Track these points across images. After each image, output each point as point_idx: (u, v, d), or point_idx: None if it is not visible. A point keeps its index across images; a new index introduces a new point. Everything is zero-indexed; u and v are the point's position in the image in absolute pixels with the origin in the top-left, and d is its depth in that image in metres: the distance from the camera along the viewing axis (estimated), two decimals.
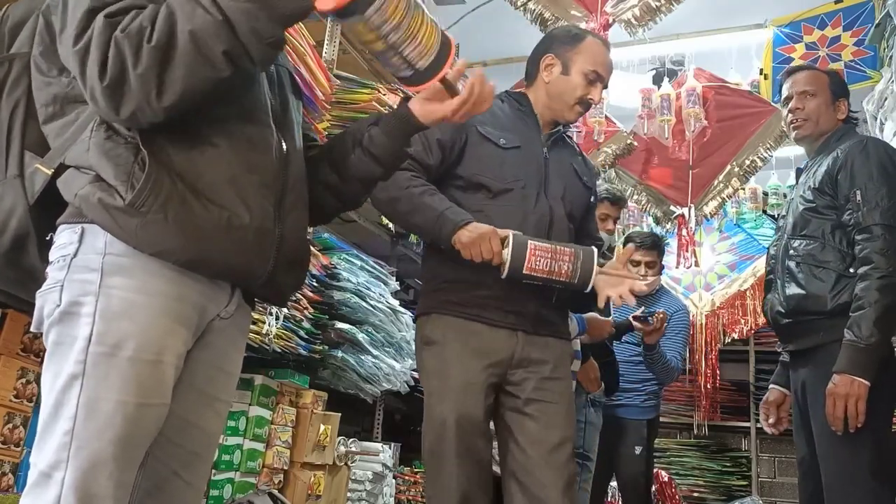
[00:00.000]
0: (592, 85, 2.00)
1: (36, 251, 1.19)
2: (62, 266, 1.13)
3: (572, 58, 2.00)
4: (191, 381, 1.22)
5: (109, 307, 1.10)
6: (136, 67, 1.05)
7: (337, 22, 1.13)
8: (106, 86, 1.05)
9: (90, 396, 1.07)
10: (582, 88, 1.99)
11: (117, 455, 1.07)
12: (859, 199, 2.10)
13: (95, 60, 1.05)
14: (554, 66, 2.02)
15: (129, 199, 1.09)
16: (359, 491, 2.94)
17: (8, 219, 1.18)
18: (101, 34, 1.05)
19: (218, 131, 1.18)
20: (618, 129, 4.33)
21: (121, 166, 1.11)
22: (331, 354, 2.76)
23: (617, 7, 3.83)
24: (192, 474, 1.25)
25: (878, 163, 2.14)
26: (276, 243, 1.23)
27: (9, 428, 1.70)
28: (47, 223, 1.18)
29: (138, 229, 1.10)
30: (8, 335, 1.71)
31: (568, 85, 2.00)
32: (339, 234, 3.14)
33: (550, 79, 2.02)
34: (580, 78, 1.99)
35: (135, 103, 1.07)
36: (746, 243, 5.53)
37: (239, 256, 1.18)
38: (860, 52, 4.17)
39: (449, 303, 1.89)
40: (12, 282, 1.24)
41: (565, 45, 2.03)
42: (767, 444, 5.58)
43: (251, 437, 2.36)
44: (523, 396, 1.86)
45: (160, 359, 1.12)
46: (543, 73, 2.03)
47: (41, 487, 1.06)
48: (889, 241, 2.04)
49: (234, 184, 1.17)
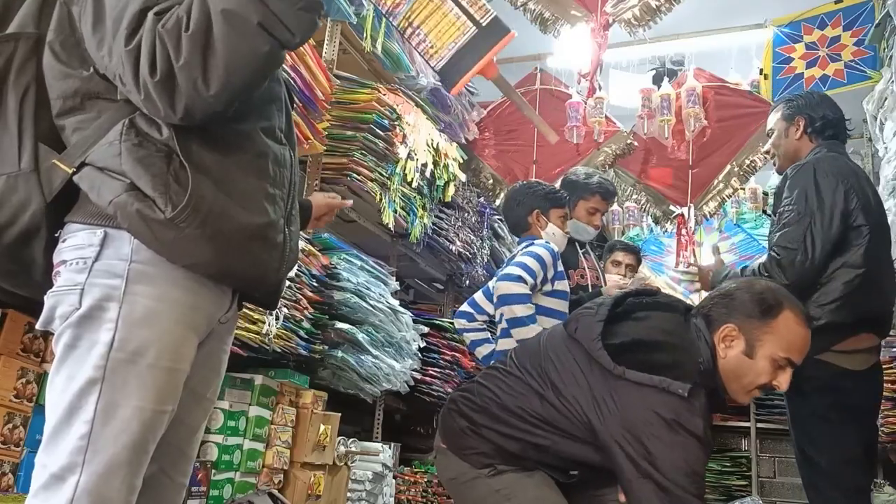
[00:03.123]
0: (782, 371, 1.63)
1: (42, 247, 1.18)
2: (82, 268, 1.12)
3: (761, 336, 1.62)
4: (187, 382, 1.22)
5: (132, 314, 1.10)
6: (178, 60, 1.04)
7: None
8: (157, 81, 1.04)
9: (108, 402, 1.08)
10: (768, 376, 1.63)
11: (132, 460, 1.09)
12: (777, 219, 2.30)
13: (147, 59, 1.04)
14: (737, 341, 1.63)
15: (169, 214, 1.08)
16: (359, 491, 2.94)
17: (19, 213, 1.14)
18: (150, 32, 1.05)
19: (244, 143, 1.20)
20: (618, 129, 4.33)
21: (157, 176, 1.10)
22: (331, 354, 2.76)
23: (617, 7, 3.83)
24: (177, 472, 1.28)
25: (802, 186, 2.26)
26: (285, 254, 1.26)
27: (9, 428, 1.70)
28: (56, 219, 1.17)
29: (174, 242, 1.10)
30: (8, 335, 1.71)
31: (751, 371, 1.63)
32: (339, 234, 3.14)
33: (730, 354, 1.63)
34: (766, 364, 1.62)
35: (186, 96, 1.06)
36: (746, 243, 5.53)
37: (260, 267, 1.21)
38: (860, 52, 4.17)
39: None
40: (4, 273, 1.21)
41: (757, 314, 1.63)
42: (767, 444, 5.58)
43: (251, 437, 2.36)
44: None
45: (177, 367, 1.14)
46: (724, 346, 1.64)
47: (52, 490, 1.07)
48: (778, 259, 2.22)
49: (261, 194, 1.20)
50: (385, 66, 3.35)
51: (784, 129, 2.48)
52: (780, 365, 1.62)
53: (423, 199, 3.48)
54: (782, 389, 1.65)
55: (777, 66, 4.40)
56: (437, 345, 3.64)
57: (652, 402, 1.52)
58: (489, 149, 4.67)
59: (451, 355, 3.70)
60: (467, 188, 4.04)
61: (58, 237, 1.17)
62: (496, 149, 4.65)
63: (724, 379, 1.64)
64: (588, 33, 3.99)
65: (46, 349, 1.76)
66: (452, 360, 3.70)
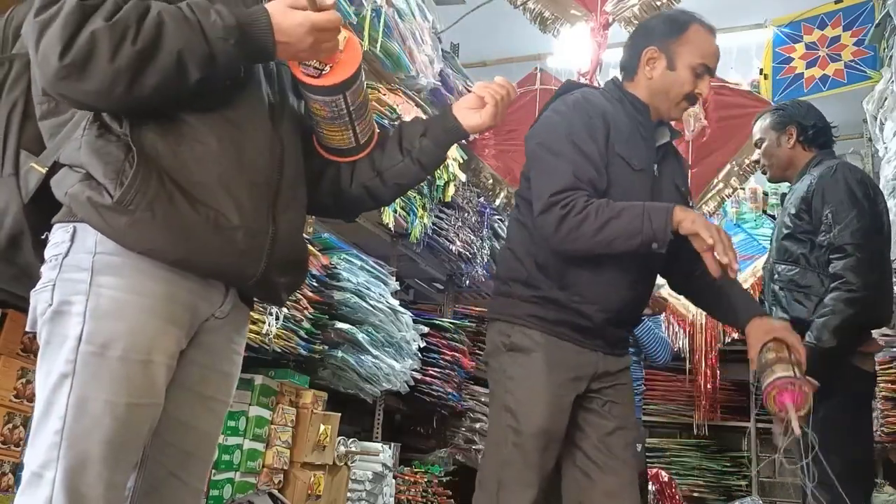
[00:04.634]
0: (701, 78, 1.83)
1: (31, 249, 1.20)
2: (54, 265, 1.13)
3: (677, 50, 1.83)
4: (183, 382, 1.21)
5: (99, 306, 1.10)
6: (112, 61, 1.05)
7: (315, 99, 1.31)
8: (64, 65, 1.05)
9: (80, 396, 1.07)
10: (690, 83, 1.83)
11: (107, 455, 1.07)
12: (831, 220, 2.26)
13: (57, 37, 1.05)
14: (657, 61, 1.85)
15: (116, 196, 1.09)
16: (359, 491, 2.94)
17: (2, 217, 1.19)
18: (71, 14, 1.05)
19: (209, 130, 1.18)
20: None
21: (110, 164, 1.11)
22: (331, 354, 2.77)
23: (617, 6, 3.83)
24: (189, 474, 1.25)
25: (847, 187, 2.29)
26: (268, 243, 1.23)
27: (9, 428, 1.70)
28: (43, 221, 1.18)
29: (126, 228, 1.10)
30: (8, 335, 1.71)
31: (675, 81, 1.83)
32: (339, 234, 3.14)
33: (654, 75, 1.85)
34: (687, 73, 1.82)
35: (97, 88, 1.07)
36: (746, 243, 5.51)
37: (228, 256, 1.18)
38: (860, 52, 4.17)
39: (538, 318, 1.78)
40: (9, 279, 1.25)
41: (669, 37, 1.85)
42: (767, 444, 5.58)
43: (251, 437, 2.36)
44: (604, 399, 1.81)
45: (150, 359, 1.12)
46: (646, 69, 1.86)
47: (33, 487, 1.06)
48: (859, 259, 2.20)
49: (223, 183, 1.17)
50: (385, 66, 3.35)
51: (776, 138, 2.51)
52: (697, 73, 1.83)
53: (423, 199, 3.48)
54: (704, 95, 1.88)
55: (777, 66, 4.40)
56: (437, 345, 3.64)
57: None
58: (489, 149, 4.66)
59: (451, 355, 3.70)
60: (467, 188, 4.04)
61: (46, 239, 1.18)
62: (496, 149, 4.64)
63: (654, 99, 1.86)
64: (588, 33, 3.99)
65: None
66: (452, 360, 3.70)
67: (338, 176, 1.44)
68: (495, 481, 1.73)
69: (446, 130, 1.44)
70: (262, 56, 1.18)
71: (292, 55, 1.21)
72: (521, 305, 1.79)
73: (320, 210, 1.52)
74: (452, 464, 3.72)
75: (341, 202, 1.48)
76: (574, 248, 1.70)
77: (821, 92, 4.31)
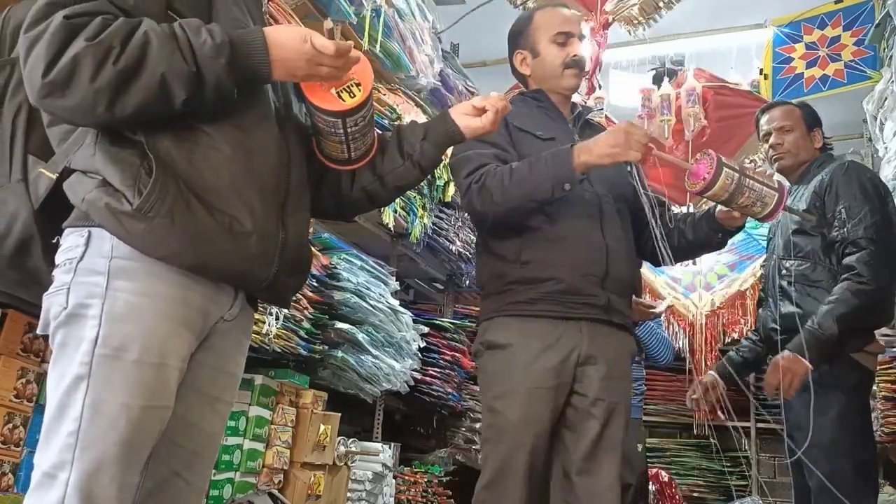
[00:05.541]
0: (566, 45, 1.98)
1: (40, 254, 1.20)
2: (69, 269, 1.14)
3: (532, 39, 2.01)
4: (192, 383, 1.22)
5: (114, 310, 1.11)
6: (93, 80, 1.06)
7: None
8: (47, 82, 1.06)
9: (95, 398, 1.08)
10: (558, 55, 1.98)
11: (121, 457, 1.08)
12: (844, 215, 2.27)
13: (42, 56, 1.06)
14: (525, 58, 2.03)
15: (136, 204, 1.10)
16: (359, 491, 2.94)
17: (12, 223, 1.19)
18: (57, 33, 1.06)
19: (221, 136, 1.19)
20: None
21: (127, 171, 1.12)
22: (331, 354, 2.76)
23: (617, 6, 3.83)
24: (193, 474, 1.26)
25: (860, 184, 2.30)
26: (279, 247, 1.24)
27: (9, 428, 1.70)
28: (52, 227, 1.19)
29: (145, 233, 1.11)
30: (8, 335, 1.71)
31: (545, 62, 2.00)
32: (339, 234, 3.14)
33: (529, 70, 2.04)
34: (551, 49, 1.98)
35: (78, 105, 1.08)
36: (746, 243, 5.52)
37: (242, 261, 1.19)
38: (860, 52, 4.18)
39: (514, 304, 1.81)
40: (15, 283, 1.26)
41: (521, 34, 2.04)
42: (767, 444, 5.58)
43: (251, 437, 2.36)
44: (591, 396, 1.78)
45: (164, 362, 1.13)
46: (524, 71, 2.05)
47: (45, 488, 1.07)
48: (872, 253, 2.19)
49: (236, 189, 1.18)
50: (385, 65, 3.35)
51: (807, 133, 2.51)
52: (559, 42, 1.98)
53: (423, 199, 3.48)
54: (578, 55, 1.98)
55: (777, 66, 4.40)
56: (437, 345, 3.64)
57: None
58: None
59: (451, 355, 3.70)
60: None
61: (56, 244, 1.19)
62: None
63: (543, 85, 2.02)
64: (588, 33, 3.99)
65: (46, 349, 1.76)
66: (452, 360, 3.70)
67: (338, 179, 1.45)
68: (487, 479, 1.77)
69: (447, 134, 1.47)
70: (257, 74, 1.17)
71: (289, 75, 1.20)
72: (496, 299, 1.86)
73: (320, 212, 1.53)
74: (452, 464, 3.72)
75: (341, 205, 1.50)
76: (503, 209, 1.78)
77: (821, 92, 4.31)
